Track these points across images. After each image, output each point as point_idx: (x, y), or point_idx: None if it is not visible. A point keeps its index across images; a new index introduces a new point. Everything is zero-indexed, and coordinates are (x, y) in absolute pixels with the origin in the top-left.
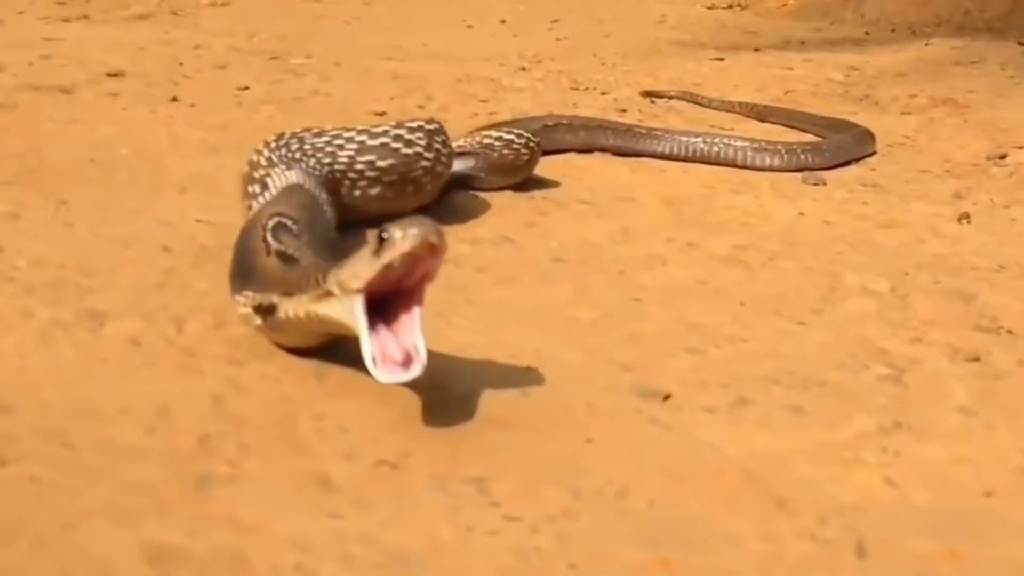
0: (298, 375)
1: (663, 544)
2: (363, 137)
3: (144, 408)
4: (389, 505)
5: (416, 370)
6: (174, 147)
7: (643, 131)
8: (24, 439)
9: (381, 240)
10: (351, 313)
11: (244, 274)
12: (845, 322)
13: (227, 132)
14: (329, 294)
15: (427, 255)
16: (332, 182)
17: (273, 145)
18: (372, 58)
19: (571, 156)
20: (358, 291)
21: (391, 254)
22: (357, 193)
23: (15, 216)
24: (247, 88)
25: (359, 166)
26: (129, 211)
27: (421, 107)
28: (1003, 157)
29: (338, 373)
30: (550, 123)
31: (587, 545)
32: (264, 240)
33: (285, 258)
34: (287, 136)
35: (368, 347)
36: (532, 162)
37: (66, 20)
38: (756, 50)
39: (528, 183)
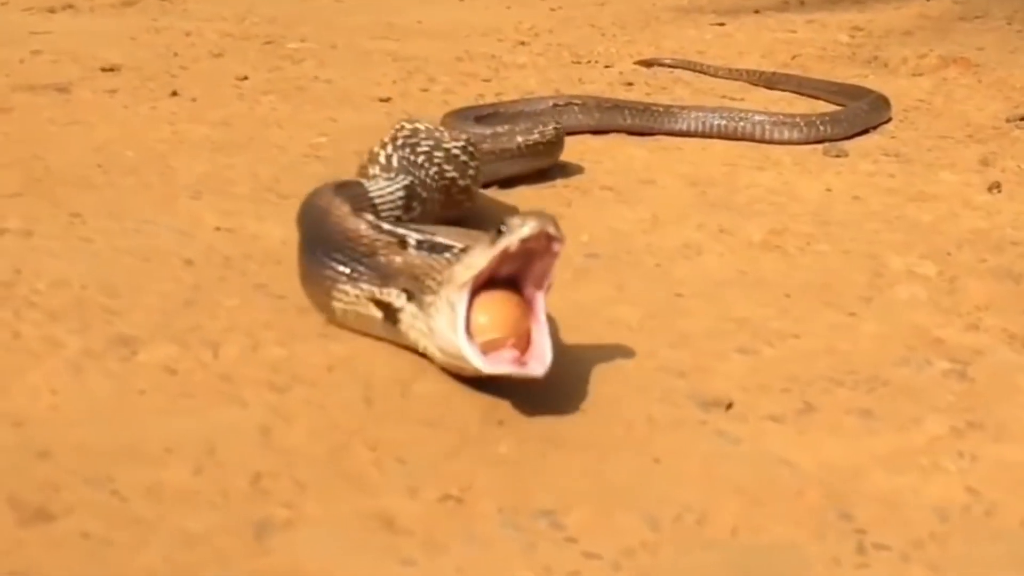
0: (344, 400)
1: (755, 574)
2: None
3: (189, 445)
4: (461, 546)
5: (536, 368)
6: (180, 147)
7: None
8: (69, 489)
9: (499, 232)
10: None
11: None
12: (896, 311)
13: (232, 128)
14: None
15: (543, 248)
16: None
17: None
18: (367, 38)
19: (587, 137)
20: (466, 283)
21: (509, 239)
22: None
23: (28, 233)
24: (246, 78)
25: None
26: (144, 221)
27: (425, 90)
28: (1023, 119)
29: (384, 395)
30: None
31: None
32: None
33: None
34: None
35: (464, 338)
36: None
37: (51, 11)
38: (756, 12)
39: (549, 167)
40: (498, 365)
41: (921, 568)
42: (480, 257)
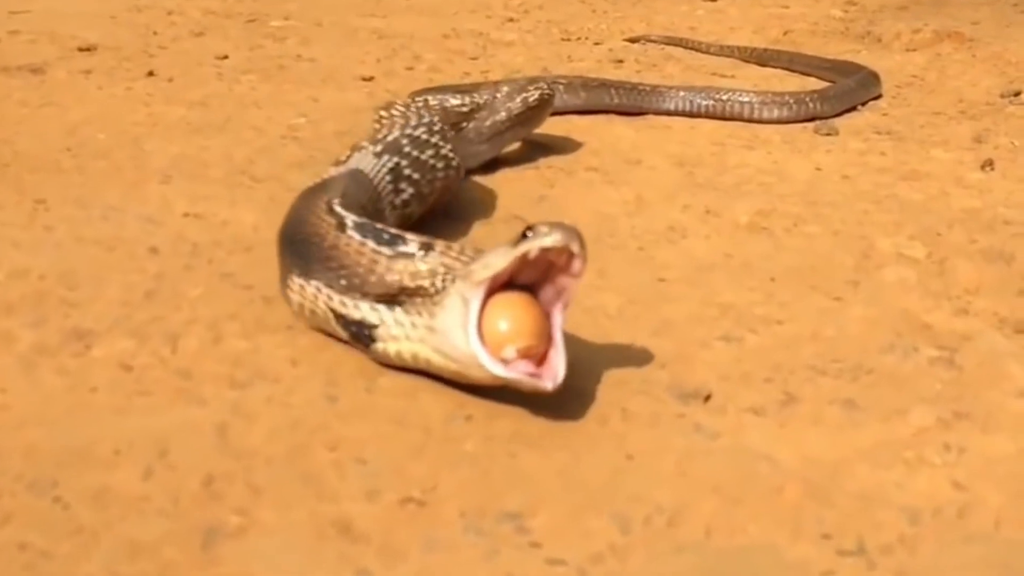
0: (307, 396)
1: None
2: None
3: (141, 447)
4: (421, 553)
5: (547, 383)
6: (154, 129)
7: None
8: (10, 494)
9: (524, 236)
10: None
11: None
12: (884, 294)
13: (209, 109)
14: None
15: (563, 263)
16: None
17: None
18: (353, 15)
19: (572, 116)
20: (482, 282)
21: (530, 244)
22: None
23: None
24: (226, 57)
25: None
26: (110, 207)
27: (410, 69)
28: (1017, 94)
29: (349, 390)
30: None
31: None
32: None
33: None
34: None
35: (475, 338)
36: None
37: None
38: None
39: (533, 148)
40: (510, 372)
41: (904, 558)
42: (500, 258)
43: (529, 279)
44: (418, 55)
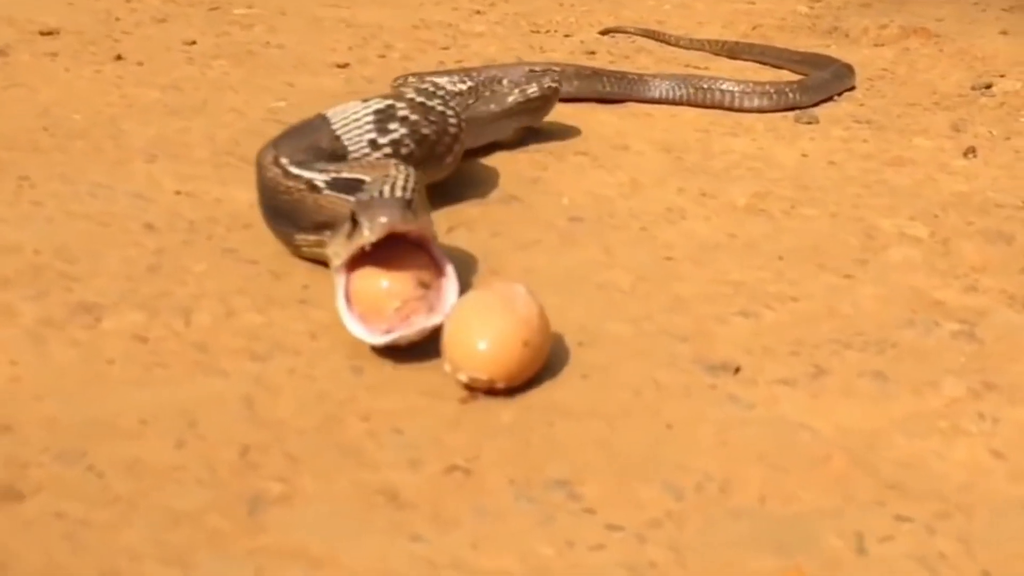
0: (331, 368)
1: (790, 548)
2: None
3: (168, 418)
4: (474, 520)
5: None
6: (129, 110)
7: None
8: (38, 466)
9: (354, 223)
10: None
11: None
12: (893, 273)
13: (184, 92)
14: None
15: (398, 236)
16: None
17: None
18: (317, 5)
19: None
20: (339, 267)
21: (359, 242)
22: None
23: None
24: (194, 43)
25: None
26: (98, 184)
27: (382, 56)
28: (988, 87)
29: (375, 364)
30: None
31: (707, 555)
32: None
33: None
34: None
35: (350, 320)
36: None
37: None
38: None
39: (520, 133)
40: (387, 337)
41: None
42: (342, 248)
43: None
44: (389, 44)
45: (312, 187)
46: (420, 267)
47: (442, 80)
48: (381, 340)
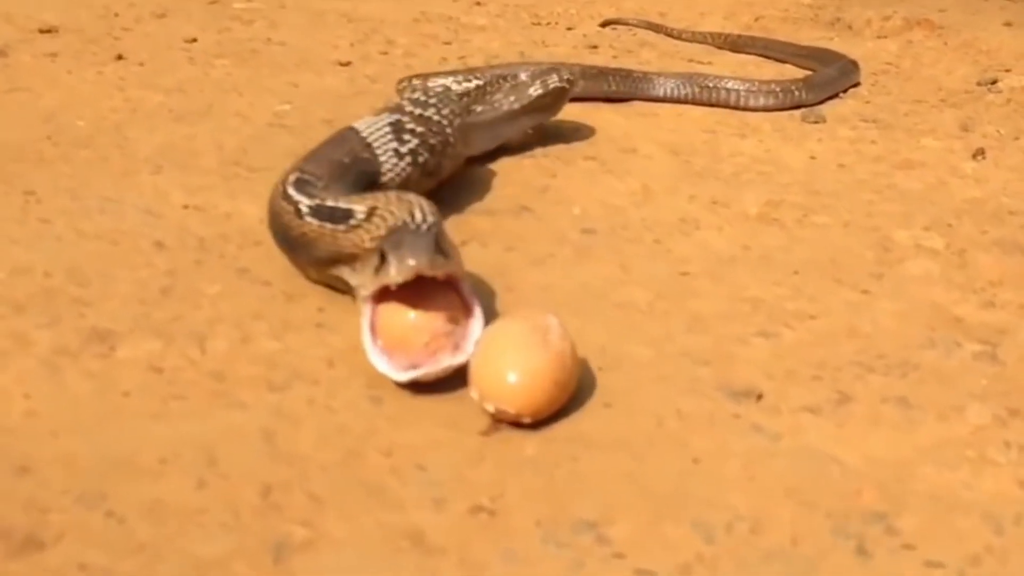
0: (350, 399)
1: None
2: None
3: (188, 454)
4: (502, 566)
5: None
6: (133, 116)
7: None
8: (58, 510)
9: (382, 258)
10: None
11: None
12: (910, 288)
13: (188, 95)
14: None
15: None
16: None
17: None
18: None
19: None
20: (366, 299)
21: (385, 280)
22: None
23: None
24: (195, 40)
25: None
26: (106, 199)
27: (384, 53)
28: (994, 83)
29: (394, 394)
30: None
31: None
32: None
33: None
34: None
35: (374, 353)
36: None
37: None
38: None
39: (527, 135)
40: (410, 374)
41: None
42: (368, 281)
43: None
44: (391, 39)
45: (297, 212)
46: (448, 303)
47: (447, 81)
48: (405, 377)
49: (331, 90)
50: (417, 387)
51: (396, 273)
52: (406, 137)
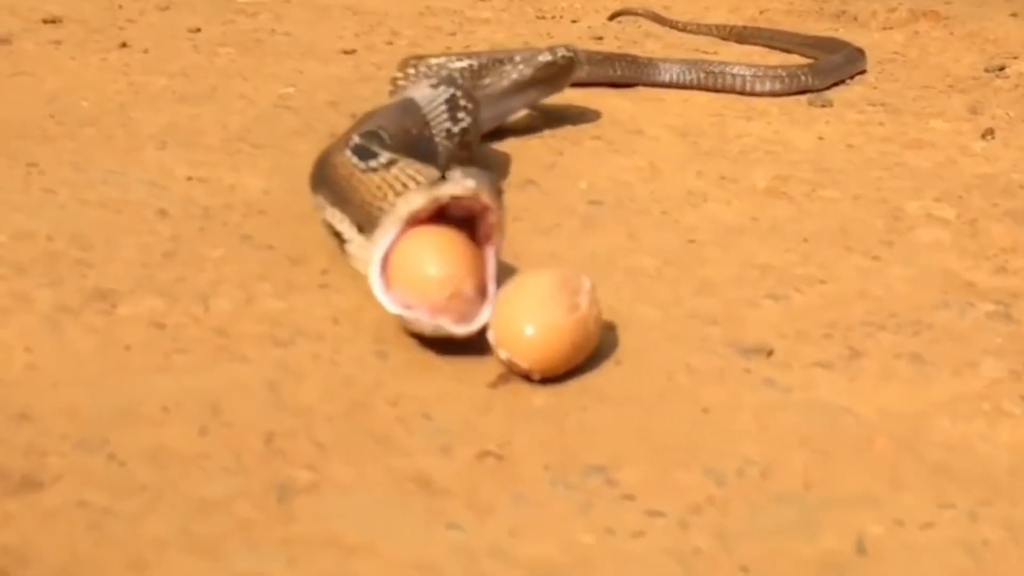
0: (355, 354)
1: (837, 534)
2: None
3: (190, 404)
4: (511, 507)
5: (457, 329)
6: (138, 97)
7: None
8: (58, 453)
9: (443, 178)
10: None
11: None
12: (922, 254)
13: (192, 79)
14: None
15: (479, 210)
16: None
17: None
18: None
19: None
20: (402, 218)
21: (444, 190)
22: None
23: None
24: (199, 30)
25: None
26: (109, 171)
27: (390, 44)
28: (1002, 69)
29: (401, 350)
30: None
31: (753, 541)
32: None
33: None
34: None
35: (376, 271)
36: None
37: None
38: None
39: (533, 117)
40: (407, 312)
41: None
42: (420, 196)
43: (462, 214)
44: (396, 31)
45: (345, 146)
46: (473, 271)
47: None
48: (396, 309)
49: (336, 76)
50: (424, 342)
51: (454, 186)
52: (460, 116)
